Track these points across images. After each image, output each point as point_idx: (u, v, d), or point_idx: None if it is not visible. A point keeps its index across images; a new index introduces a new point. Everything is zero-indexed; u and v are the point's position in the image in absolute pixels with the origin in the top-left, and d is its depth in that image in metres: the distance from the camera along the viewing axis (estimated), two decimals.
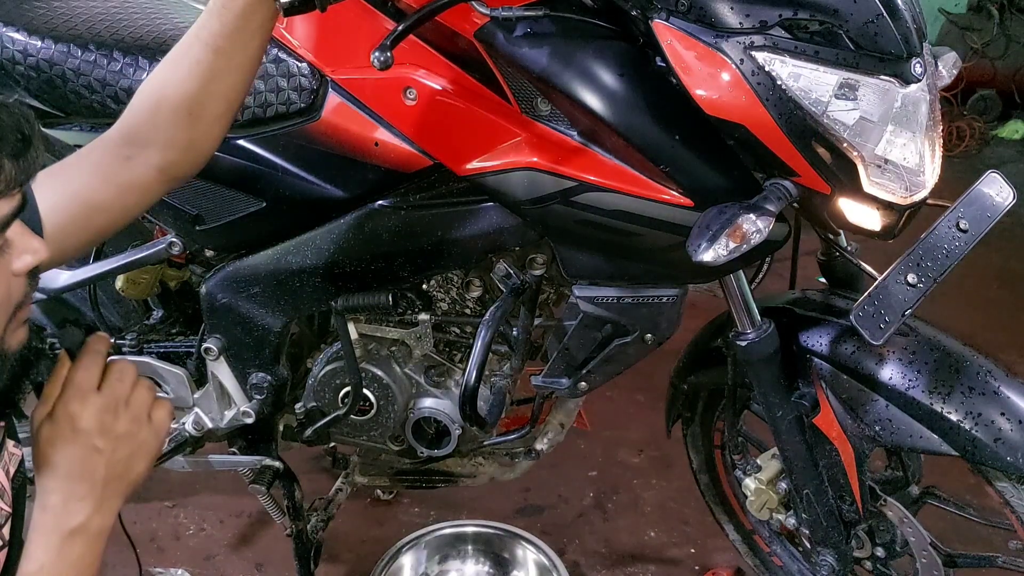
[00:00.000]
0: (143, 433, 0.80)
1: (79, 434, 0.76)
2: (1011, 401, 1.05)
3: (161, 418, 0.82)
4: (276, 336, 1.32)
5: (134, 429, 0.79)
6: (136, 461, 0.80)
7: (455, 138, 1.08)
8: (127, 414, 0.79)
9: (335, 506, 1.63)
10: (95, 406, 0.77)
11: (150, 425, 0.81)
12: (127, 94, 1.21)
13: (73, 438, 0.76)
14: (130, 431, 0.78)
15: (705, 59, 0.91)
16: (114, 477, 0.78)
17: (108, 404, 0.77)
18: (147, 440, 0.80)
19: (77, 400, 0.76)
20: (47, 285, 1.39)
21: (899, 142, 0.94)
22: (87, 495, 0.77)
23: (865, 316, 0.98)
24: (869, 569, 1.35)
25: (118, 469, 0.78)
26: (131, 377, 0.80)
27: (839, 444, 1.16)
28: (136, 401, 0.80)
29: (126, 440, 0.78)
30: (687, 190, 0.99)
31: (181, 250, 1.33)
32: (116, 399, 0.78)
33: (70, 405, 0.76)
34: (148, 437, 0.80)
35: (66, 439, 0.76)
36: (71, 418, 0.76)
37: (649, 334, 1.17)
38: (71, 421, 0.76)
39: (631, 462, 2.12)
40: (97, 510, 0.77)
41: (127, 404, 0.79)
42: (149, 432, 0.80)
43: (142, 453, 0.80)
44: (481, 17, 0.98)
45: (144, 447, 0.80)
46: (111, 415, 0.77)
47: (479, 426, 1.23)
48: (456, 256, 1.17)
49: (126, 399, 0.79)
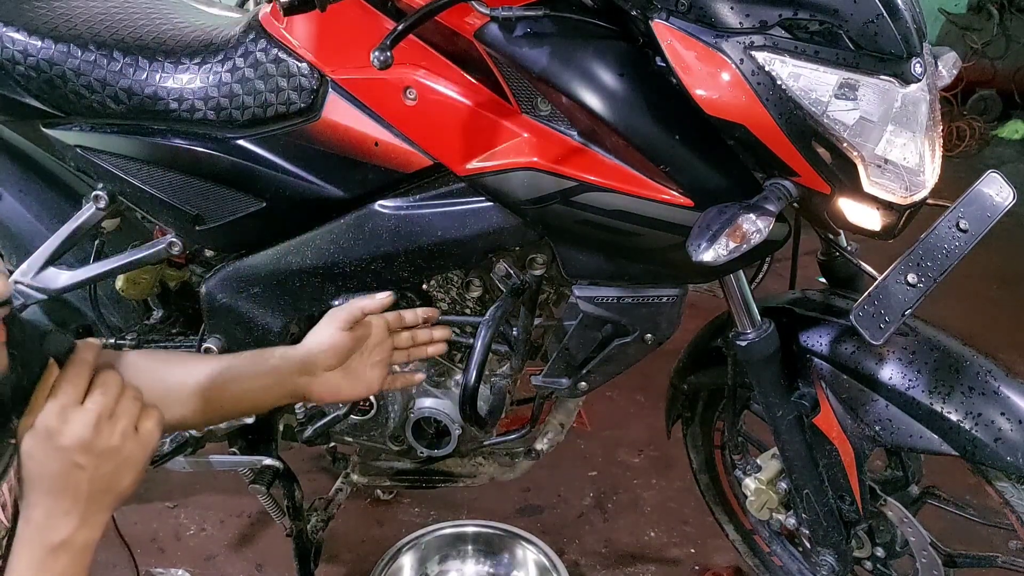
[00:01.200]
0: (128, 446, 0.77)
1: (61, 450, 0.74)
2: (1011, 401, 1.04)
3: (148, 429, 0.79)
4: (276, 336, 1.32)
5: (118, 443, 0.76)
6: (121, 475, 0.78)
7: (455, 138, 1.08)
8: (111, 428, 0.76)
9: (335, 506, 1.63)
10: (78, 422, 0.74)
11: (136, 437, 0.78)
12: (127, 94, 1.22)
13: (54, 454, 0.74)
14: (114, 446, 0.76)
15: (705, 59, 0.91)
16: (98, 492, 0.76)
17: (91, 419, 0.75)
18: (133, 453, 0.78)
19: (59, 416, 0.74)
20: (47, 285, 1.40)
21: (899, 142, 0.94)
22: (71, 510, 0.75)
23: (865, 316, 0.98)
24: (869, 569, 1.35)
25: (103, 484, 0.76)
26: (116, 388, 0.78)
27: (839, 444, 1.16)
28: (121, 413, 0.77)
29: (110, 455, 0.76)
30: (687, 190, 0.99)
31: (181, 250, 1.33)
32: (99, 414, 0.75)
33: (51, 420, 0.74)
34: (134, 450, 0.78)
35: (47, 454, 0.74)
36: (52, 434, 0.74)
37: (649, 334, 1.17)
38: (52, 437, 0.74)
39: (631, 462, 2.12)
40: (82, 524, 0.75)
41: (112, 417, 0.76)
42: (135, 445, 0.78)
43: (128, 467, 0.78)
44: (481, 17, 0.98)
45: (130, 461, 0.78)
46: (94, 430, 0.75)
47: (479, 426, 1.23)
48: (456, 256, 1.17)
49: (110, 412, 0.76)
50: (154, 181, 1.27)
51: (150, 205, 1.30)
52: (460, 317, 1.31)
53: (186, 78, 1.20)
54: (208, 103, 1.19)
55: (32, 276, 1.39)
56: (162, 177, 1.26)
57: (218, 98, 1.18)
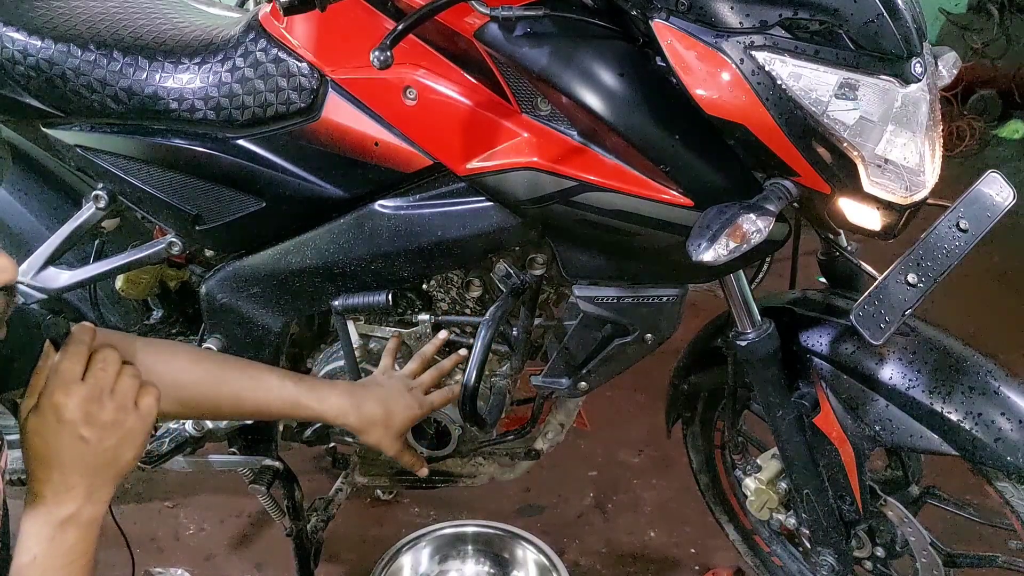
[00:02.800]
0: (130, 420, 0.80)
1: (64, 424, 0.76)
2: (1011, 401, 1.05)
3: (148, 404, 0.82)
4: (276, 336, 1.32)
5: (120, 417, 0.79)
6: (124, 449, 0.80)
7: (455, 138, 1.08)
8: (112, 402, 0.78)
9: (335, 506, 1.63)
10: (79, 396, 0.77)
11: (136, 412, 0.80)
12: (127, 94, 1.22)
13: (59, 429, 0.76)
14: (116, 419, 0.78)
15: (705, 59, 0.91)
16: (103, 466, 0.78)
17: (93, 393, 0.77)
18: (134, 427, 0.80)
19: (61, 391, 0.76)
20: (47, 285, 1.40)
21: (899, 142, 0.94)
22: (76, 485, 0.77)
23: (865, 316, 0.98)
24: (869, 569, 1.35)
25: (106, 457, 0.78)
26: (115, 365, 0.80)
27: (839, 444, 1.16)
28: (121, 389, 0.79)
29: (112, 428, 0.78)
30: (687, 190, 0.99)
31: (181, 250, 1.33)
32: (100, 388, 0.78)
33: (55, 396, 0.76)
34: (135, 424, 0.80)
35: (52, 430, 0.76)
36: (56, 409, 0.76)
37: (649, 334, 1.17)
38: (56, 412, 0.76)
39: (631, 462, 2.12)
40: (88, 499, 0.78)
41: (112, 392, 0.79)
42: (136, 419, 0.80)
43: (130, 440, 0.80)
44: (481, 17, 0.98)
45: (131, 434, 0.80)
46: (96, 404, 0.77)
47: (479, 426, 1.23)
48: (456, 256, 1.17)
49: (111, 387, 0.79)
50: (154, 181, 1.27)
51: (150, 205, 1.30)
52: (460, 317, 1.31)
53: (186, 78, 1.20)
54: (208, 103, 1.19)
55: (32, 276, 1.39)
56: (162, 177, 1.26)
57: (218, 98, 1.18)
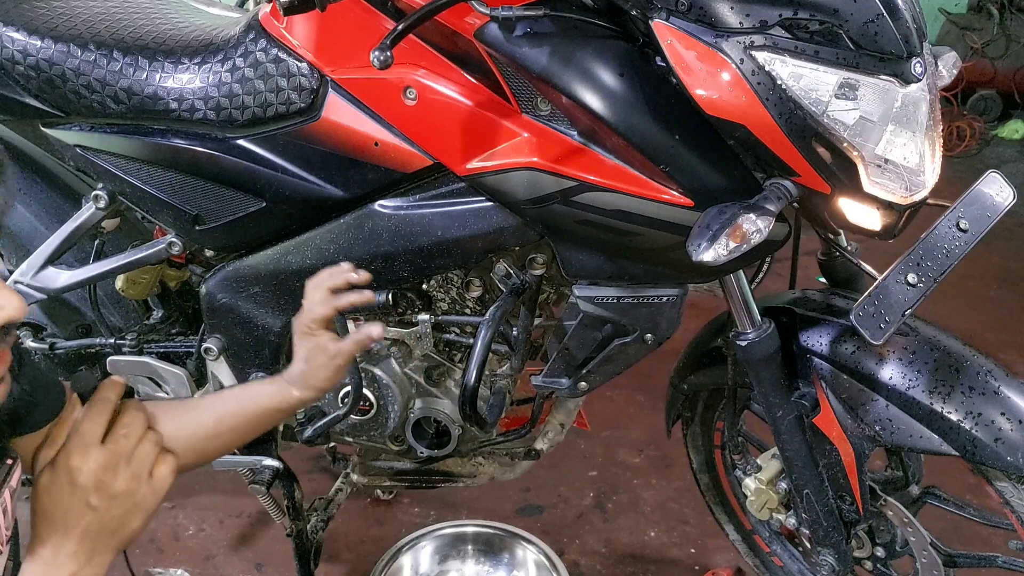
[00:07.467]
0: (142, 491, 0.78)
1: (76, 489, 0.75)
2: (1011, 401, 1.05)
3: (163, 475, 0.80)
4: (276, 336, 1.32)
5: (133, 487, 0.77)
6: (131, 519, 0.78)
7: (455, 138, 1.08)
8: (127, 471, 0.77)
9: (335, 506, 1.63)
10: (96, 462, 0.75)
11: (150, 482, 0.79)
12: (127, 94, 1.22)
13: (70, 492, 0.75)
14: (128, 489, 0.77)
15: (705, 59, 0.91)
16: (107, 533, 0.77)
17: (110, 461, 0.76)
18: (145, 498, 0.79)
19: (79, 453, 0.75)
20: (47, 285, 1.40)
21: (899, 142, 0.94)
22: (77, 550, 0.76)
23: (865, 316, 0.98)
24: (869, 569, 1.35)
25: (111, 526, 0.77)
26: (138, 431, 0.79)
27: (839, 444, 1.16)
28: (139, 457, 0.78)
29: (123, 499, 0.77)
30: (687, 190, 0.99)
31: (181, 250, 1.33)
32: (118, 455, 0.77)
33: (72, 458, 0.75)
34: (147, 495, 0.79)
35: (63, 491, 0.75)
36: (70, 472, 0.75)
37: (649, 334, 1.17)
38: (70, 474, 0.75)
39: (631, 462, 2.12)
40: (86, 564, 0.76)
41: (129, 460, 0.77)
42: (148, 490, 0.79)
43: (138, 511, 0.79)
44: (481, 17, 0.98)
45: (141, 506, 0.79)
46: (111, 472, 0.76)
47: (479, 426, 1.23)
48: (456, 256, 1.17)
49: (129, 455, 0.77)
50: (154, 181, 1.27)
51: (150, 205, 1.30)
52: (460, 317, 1.31)
53: (186, 78, 1.20)
54: (208, 103, 1.19)
55: (32, 276, 1.39)
56: (162, 177, 1.26)
57: (218, 98, 1.18)
